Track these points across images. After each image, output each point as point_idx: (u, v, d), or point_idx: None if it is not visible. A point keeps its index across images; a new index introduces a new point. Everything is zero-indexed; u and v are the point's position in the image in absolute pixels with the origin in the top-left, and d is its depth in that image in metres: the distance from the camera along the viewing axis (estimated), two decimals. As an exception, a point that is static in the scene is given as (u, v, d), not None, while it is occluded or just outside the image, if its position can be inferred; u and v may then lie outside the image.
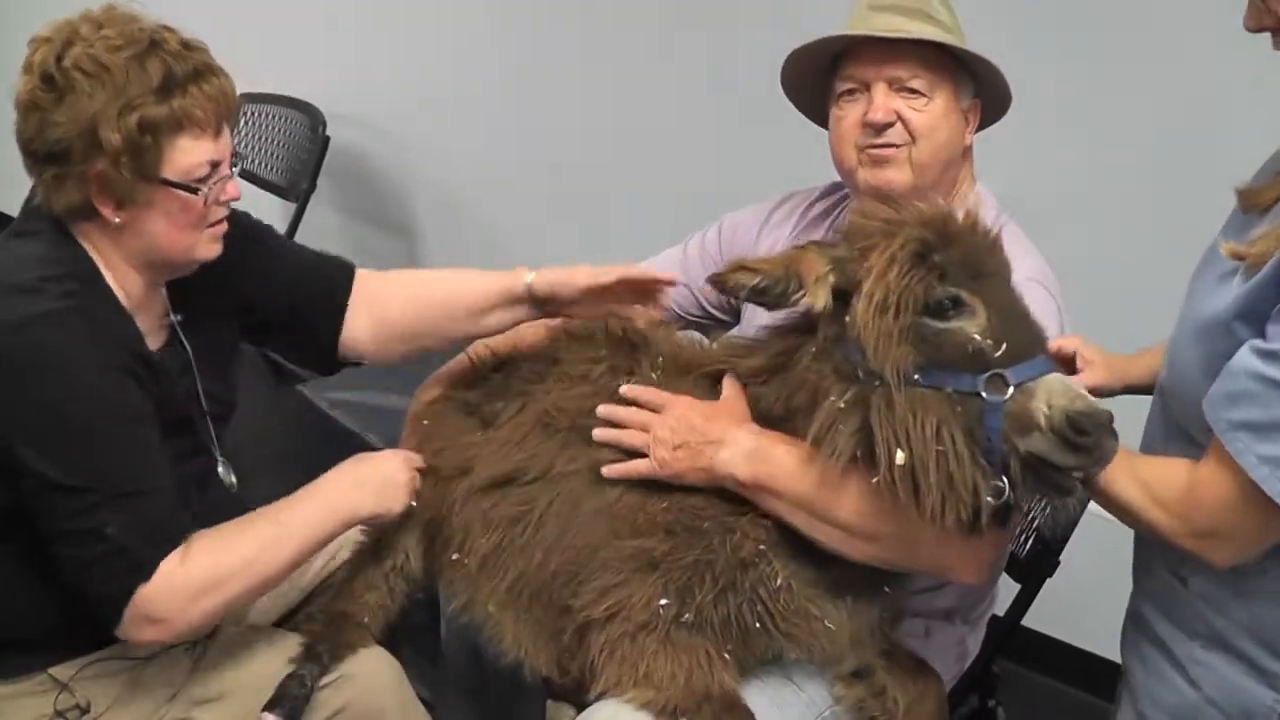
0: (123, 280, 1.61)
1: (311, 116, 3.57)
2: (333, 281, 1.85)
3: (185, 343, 1.71)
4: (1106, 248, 2.40)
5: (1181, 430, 1.43)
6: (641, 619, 1.51)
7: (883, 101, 1.69)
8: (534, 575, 1.62)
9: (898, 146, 1.70)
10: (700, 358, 1.70)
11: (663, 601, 1.51)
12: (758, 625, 1.52)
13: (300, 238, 3.55)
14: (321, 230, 3.91)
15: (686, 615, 1.51)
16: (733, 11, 2.91)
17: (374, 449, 2.45)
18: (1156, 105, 2.37)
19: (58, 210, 1.56)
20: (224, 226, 1.64)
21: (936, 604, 1.75)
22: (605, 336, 1.77)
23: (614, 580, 1.54)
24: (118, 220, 1.55)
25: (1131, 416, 1.56)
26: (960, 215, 1.45)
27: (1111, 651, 2.56)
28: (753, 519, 1.54)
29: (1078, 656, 2.66)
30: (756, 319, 1.89)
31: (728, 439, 1.55)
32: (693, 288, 2.01)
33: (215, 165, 1.57)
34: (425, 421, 1.85)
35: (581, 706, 1.61)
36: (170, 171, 1.53)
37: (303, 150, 3.57)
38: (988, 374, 1.35)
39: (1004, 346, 1.37)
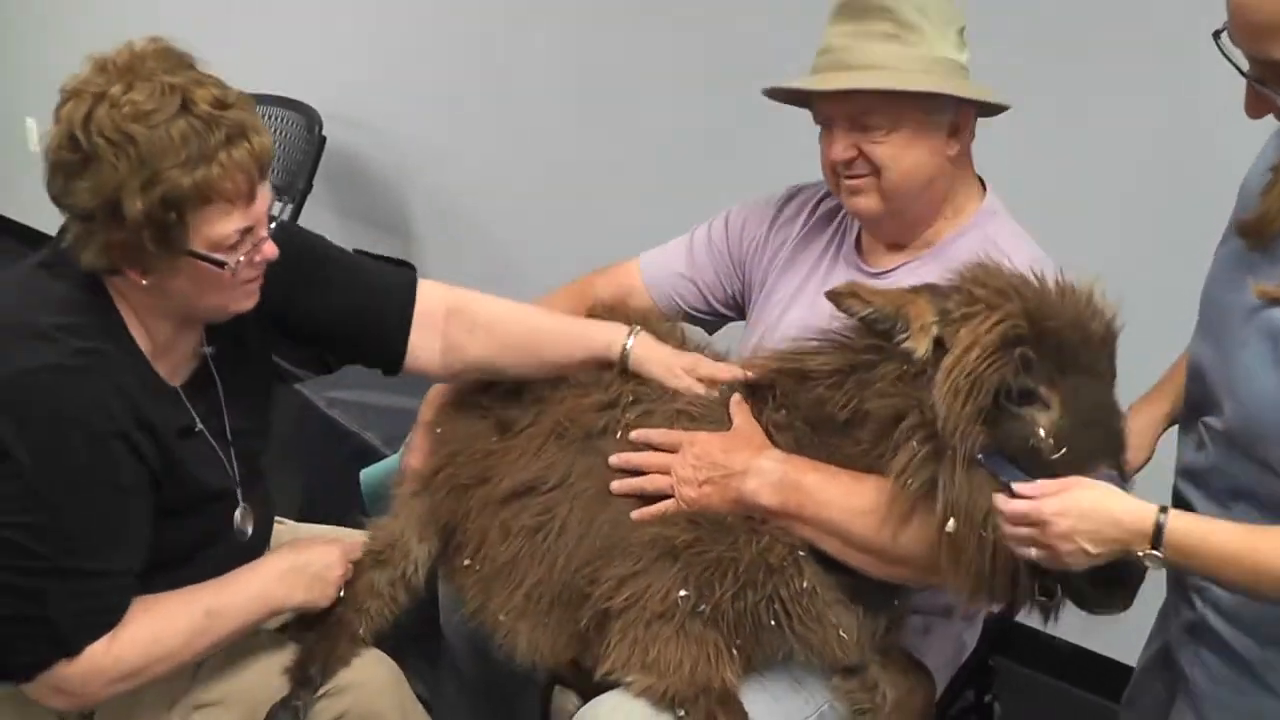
0: (151, 328, 1.56)
1: (308, 117, 3.57)
2: (392, 311, 1.78)
3: (217, 375, 1.66)
4: (1105, 250, 2.41)
5: (1262, 463, 1.38)
6: (659, 609, 1.52)
7: (841, 139, 1.71)
8: (555, 581, 1.63)
9: (864, 176, 1.71)
10: (744, 365, 1.70)
11: (681, 593, 1.52)
12: (773, 624, 1.54)
13: (296, 238, 3.55)
14: (318, 230, 3.90)
15: (703, 607, 1.52)
16: (732, 10, 2.91)
17: (372, 448, 2.49)
18: (1157, 106, 2.37)
19: (84, 265, 1.49)
20: (259, 282, 1.58)
21: (937, 600, 1.76)
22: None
23: (633, 568, 1.55)
24: (145, 282, 1.50)
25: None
26: (1071, 303, 1.43)
27: (1105, 648, 2.60)
28: (780, 525, 1.56)
29: (1073, 653, 2.67)
30: (764, 319, 1.91)
31: (752, 469, 1.57)
32: (698, 282, 2.00)
33: (247, 231, 1.50)
34: (439, 429, 1.85)
35: (589, 696, 1.62)
36: (198, 243, 1.46)
37: (299, 150, 3.57)
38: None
39: (1064, 451, 1.37)
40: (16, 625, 1.49)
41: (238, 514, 1.70)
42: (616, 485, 1.63)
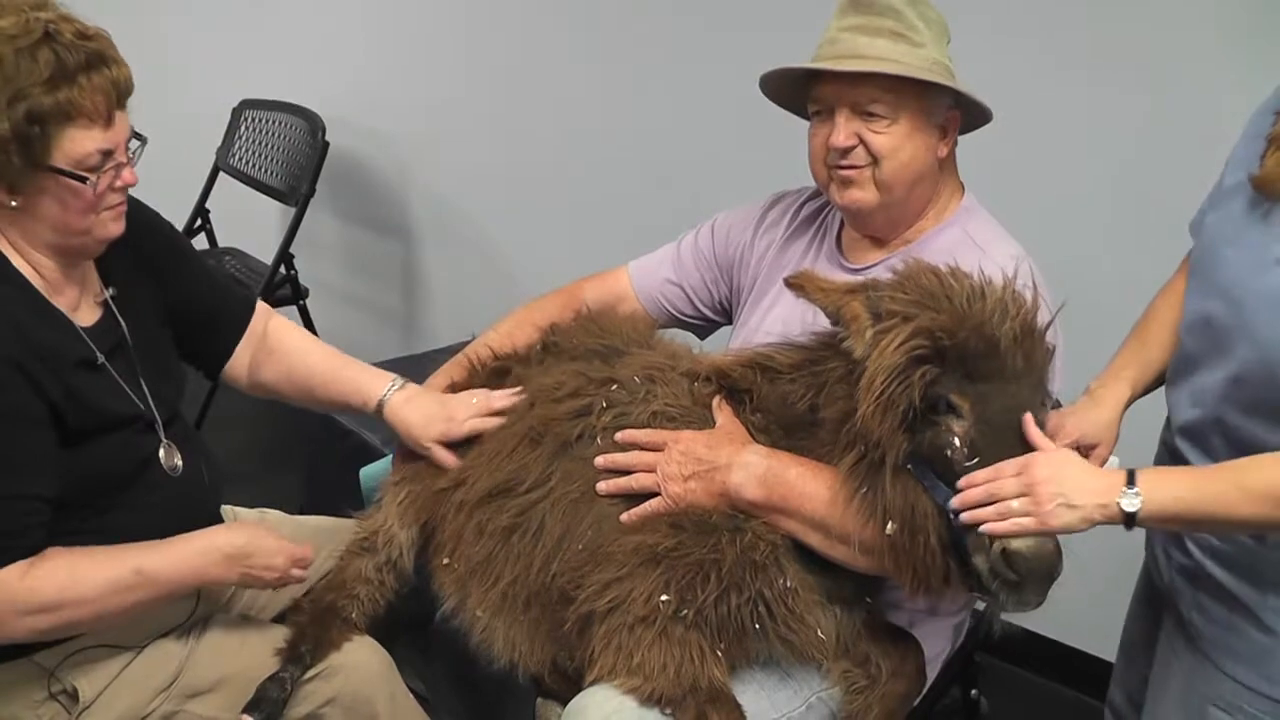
0: (34, 262, 1.63)
1: (311, 122, 3.59)
2: (233, 315, 1.92)
3: (120, 318, 1.73)
4: (1093, 251, 2.44)
5: (1271, 408, 1.43)
6: (641, 613, 1.54)
7: (844, 125, 1.73)
8: (533, 580, 1.65)
9: (861, 167, 1.74)
10: (729, 359, 1.73)
11: (663, 598, 1.54)
12: (757, 627, 1.55)
13: (299, 242, 3.58)
14: (319, 234, 3.94)
15: (685, 611, 1.53)
16: (734, 18, 2.94)
17: (371, 446, 2.51)
18: (1148, 113, 2.40)
19: None
20: (123, 207, 1.67)
21: (920, 596, 1.79)
22: (587, 350, 1.81)
23: (616, 574, 1.57)
24: (13, 204, 1.58)
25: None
26: (979, 310, 1.47)
27: (1090, 645, 2.62)
28: (764, 522, 1.59)
29: (1058, 650, 2.68)
30: (749, 321, 1.94)
31: (736, 462, 1.60)
32: (685, 287, 2.04)
33: (108, 154, 1.59)
34: None
35: (570, 704, 1.64)
36: (60, 160, 1.56)
37: (302, 155, 3.60)
38: (956, 494, 1.42)
39: (977, 460, 1.43)
40: None
41: (162, 451, 1.74)
42: (603, 486, 1.65)
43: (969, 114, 1.80)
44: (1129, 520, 1.37)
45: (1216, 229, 1.52)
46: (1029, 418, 1.44)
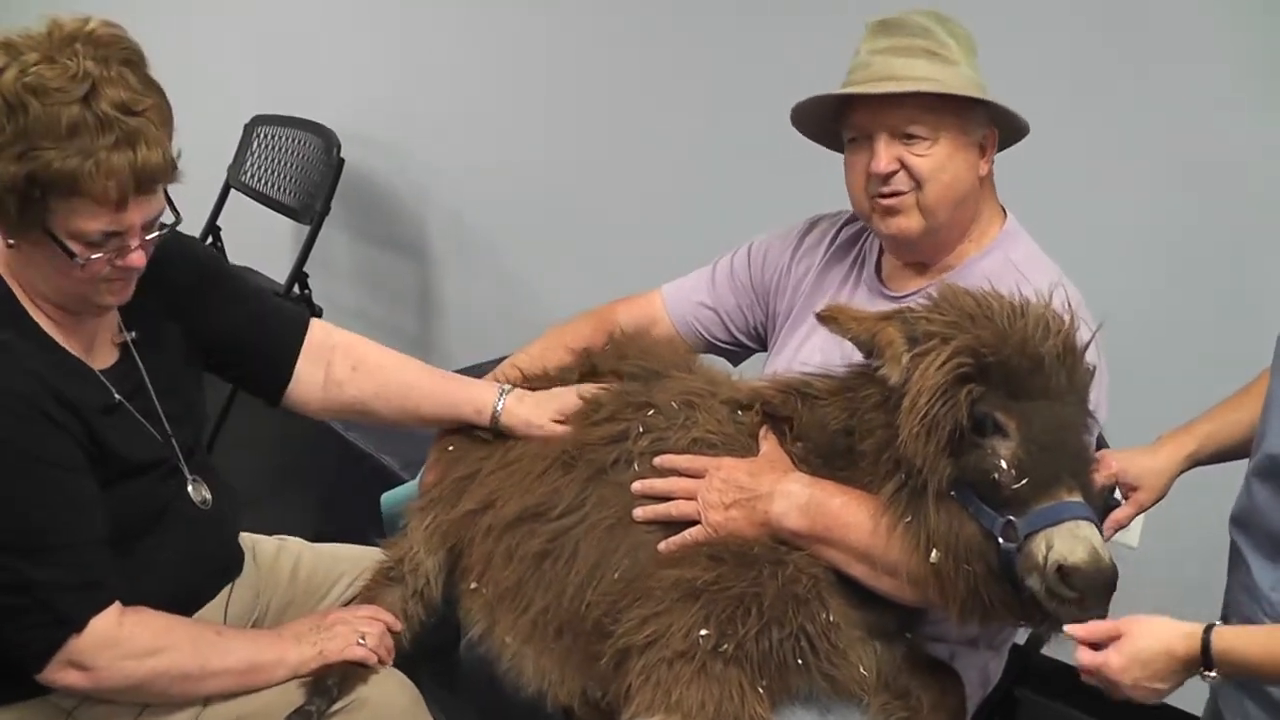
0: (45, 309, 1.59)
1: (326, 139, 3.58)
2: (284, 335, 1.86)
3: (139, 360, 1.69)
4: (1123, 275, 2.41)
5: None
6: (680, 648, 1.51)
7: (884, 151, 1.71)
8: (565, 608, 1.62)
9: (904, 193, 1.72)
10: (763, 386, 1.71)
11: (703, 632, 1.50)
12: (799, 663, 1.52)
13: (313, 260, 3.56)
14: (334, 253, 3.93)
15: (725, 646, 1.50)
16: (762, 39, 2.92)
17: (388, 470, 2.48)
18: (1168, 153, 2.38)
19: None
20: (126, 283, 1.59)
21: (963, 630, 1.74)
22: (625, 372, 1.79)
23: (655, 609, 1.54)
24: (10, 242, 1.53)
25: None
26: (1019, 328, 1.45)
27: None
28: (806, 554, 1.56)
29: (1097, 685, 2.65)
30: (787, 348, 1.91)
31: (778, 491, 1.57)
32: (720, 312, 2.01)
33: (113, 235, 1.50)
34: (450, 448, 1.86)
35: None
36: (57, 227, 1.48)
37: (317, 172, 3.58)
38: (1004, 520, 1.40)
39: (1025, 481, 1.40)
40: (17, 618, 1.51)
41: (190, 487, 1.73)
42: (640, 512, 1.62)
43: (1004, 130, 1.77)
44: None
45: None
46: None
